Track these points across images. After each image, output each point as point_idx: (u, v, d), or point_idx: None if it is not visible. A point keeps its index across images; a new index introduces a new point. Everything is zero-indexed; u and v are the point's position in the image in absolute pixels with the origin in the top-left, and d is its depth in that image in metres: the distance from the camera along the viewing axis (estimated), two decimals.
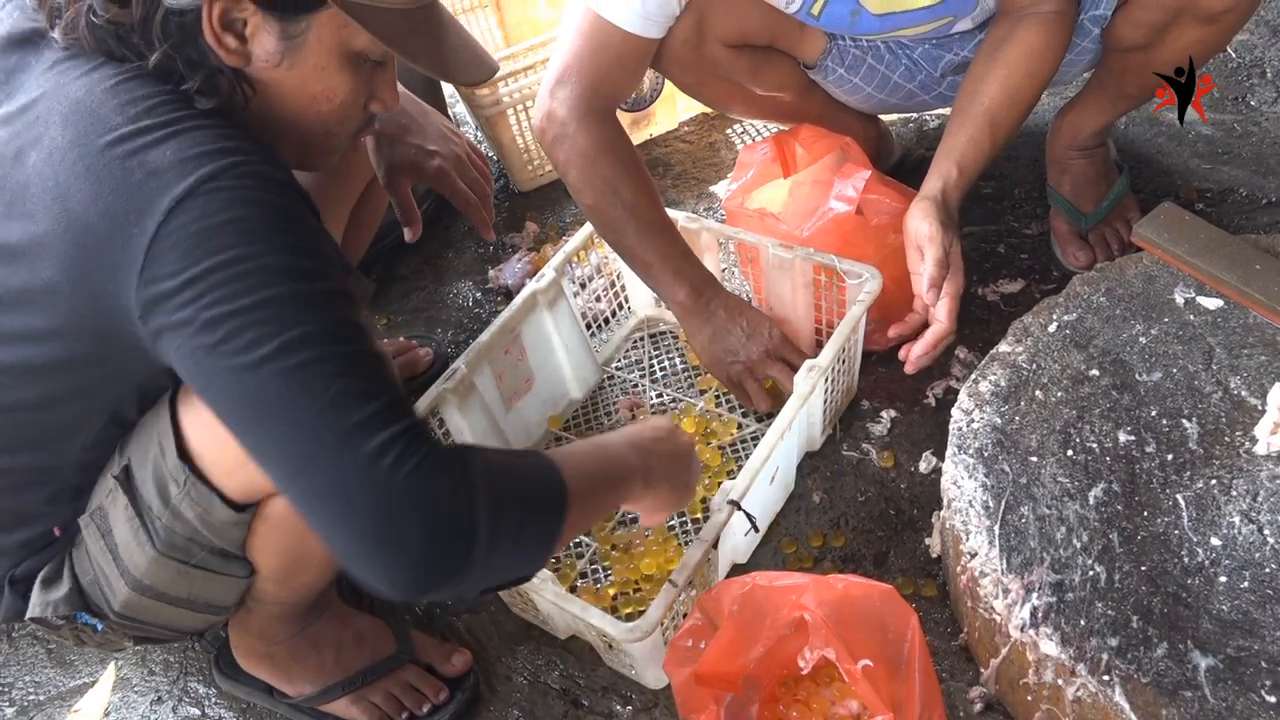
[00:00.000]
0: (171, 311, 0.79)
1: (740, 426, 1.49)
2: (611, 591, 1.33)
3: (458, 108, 2.25)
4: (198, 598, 1.03)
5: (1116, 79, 1.47)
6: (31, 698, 1.42)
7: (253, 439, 0.82)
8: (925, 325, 1.27)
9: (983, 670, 1.15)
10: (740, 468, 1.25)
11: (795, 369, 1.36)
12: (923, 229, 1.25)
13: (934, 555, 1.31)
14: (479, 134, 2.16)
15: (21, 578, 1.07)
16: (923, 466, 1.40)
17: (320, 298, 0.81)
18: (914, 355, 1.26)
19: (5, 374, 0.91)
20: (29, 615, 1.05)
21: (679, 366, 1.61)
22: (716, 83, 1.52)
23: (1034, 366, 1.22)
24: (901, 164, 1.84)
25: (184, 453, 0.95)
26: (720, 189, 1.93)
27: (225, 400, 0.81)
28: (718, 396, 1.54)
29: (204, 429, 0.94)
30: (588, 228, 1.53)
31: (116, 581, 1.01)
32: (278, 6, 0.84)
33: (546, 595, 1.14)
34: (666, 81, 1.96)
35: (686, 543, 1.36)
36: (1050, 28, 1.31)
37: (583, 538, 1.40)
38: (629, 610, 1.30)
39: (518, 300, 1.46)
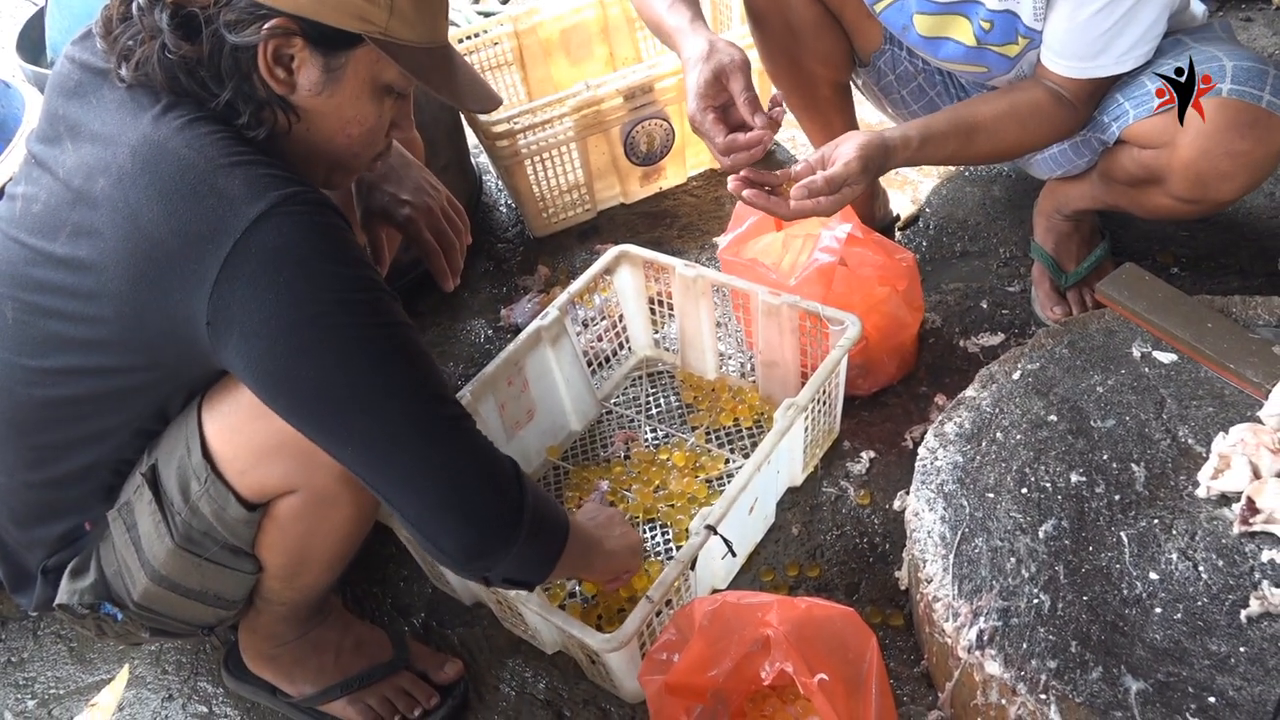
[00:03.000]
0: (245, 316, 0.91)
1: (727, 461, 1.58)
2: (597, 613, 1.41)
3: (481, 158, 2.38)
4: (209, 590, 1.12)
5: (1106, 186, 1.56)
6: (52, 692, 1.51)
7: (328, 426, 0.97)
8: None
9: (940, 694, 1.21)
10: None
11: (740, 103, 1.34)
12: (850, 157, 1.29)
13: (903, 587, 1.38)
14: (499, 183, 2.29)
15: (53, 568, 1.17)
16: (897, 504, 1.48)
17: (381, 303, 0.96)
18: (740, 177, 1.32)
19: (65, 376, 1.03)
20: (57, 602, 1.16)
21: (674, 404, 1.71)
22: (778, 23, 1.59)
23: (997, 410, 1.31)
24: (892, 226, 1.93)
25: (205, 453, 1.05)
26: (723, 240, 2.03)
27: (298, 391, 0.95)
28: (707, 433, 1.63)
29: (222, 432, 1.05)
30: (592, 271, 1.64)
31: (138, 573, 1.11)
32: (323, 44, 0.97)
33: (532, 607, 1.23)
34: (677, 136, 2.08)
35: None
36: (1061, 105, 1.42)
37: None
38: (612, 630, 1.37)
39: (522, 335, 1.56)
